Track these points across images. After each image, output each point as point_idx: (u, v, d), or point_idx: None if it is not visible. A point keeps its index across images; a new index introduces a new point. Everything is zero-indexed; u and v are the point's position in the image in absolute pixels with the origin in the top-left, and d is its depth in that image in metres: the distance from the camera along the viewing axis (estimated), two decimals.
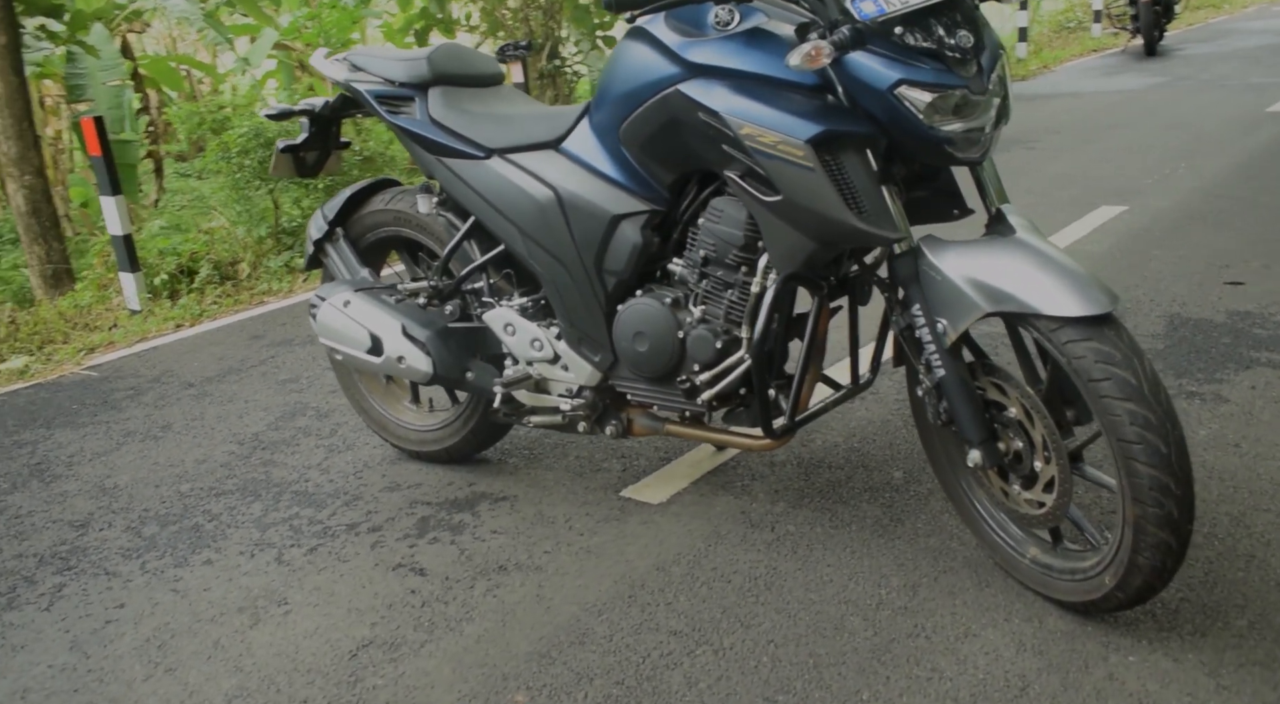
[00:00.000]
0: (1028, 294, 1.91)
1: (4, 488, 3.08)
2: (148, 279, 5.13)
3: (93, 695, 2.08)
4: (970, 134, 1.98)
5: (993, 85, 1.98)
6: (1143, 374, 1.85)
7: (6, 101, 6.19)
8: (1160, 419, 1.84)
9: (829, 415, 3.06)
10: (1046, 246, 1.99)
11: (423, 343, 2.56)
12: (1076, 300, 1.88)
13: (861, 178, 2.02)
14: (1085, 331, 1.87)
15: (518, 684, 2.02)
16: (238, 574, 2.48)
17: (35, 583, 2.53)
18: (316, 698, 2.02)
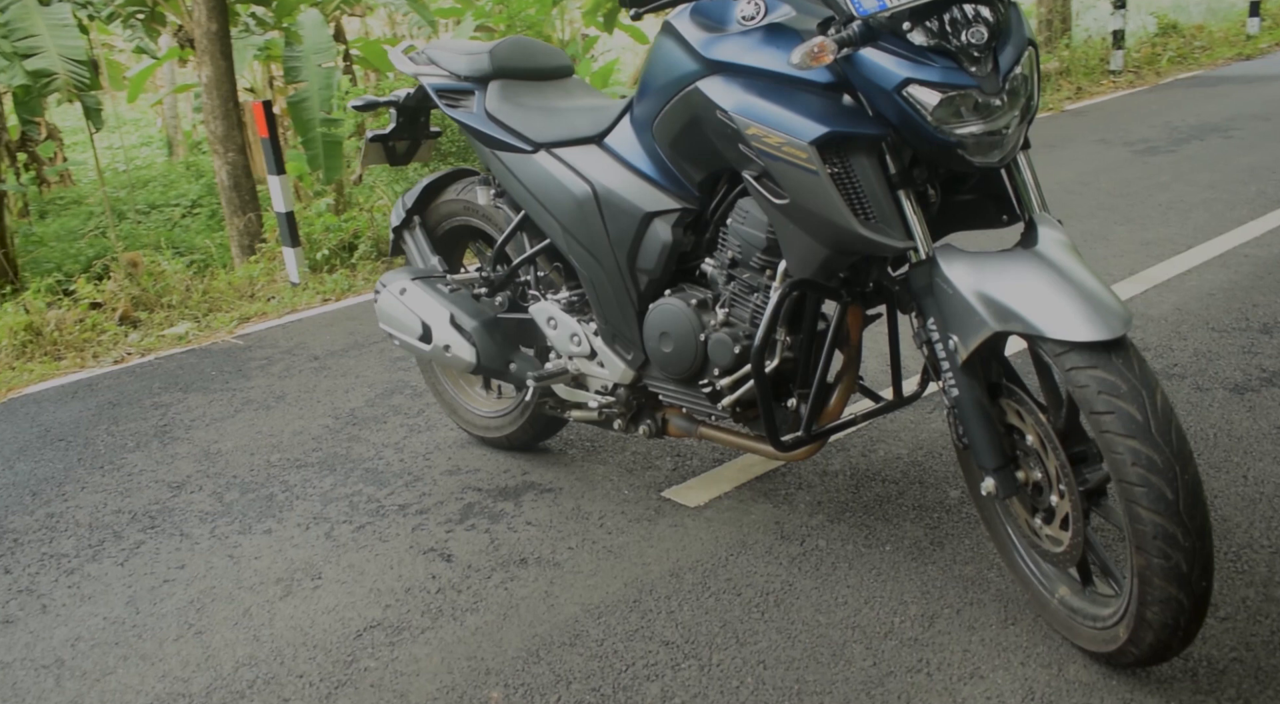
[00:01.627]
0: (1034, 314, 1.75)
1: (129, 446, 3.37)
2: (309, 255, 5.45)
3: (127, 650, 2.25)
4: (985, 137, 1.83)
5: (1010, 85, 1.82)
6: (1151, 409, 1.67)
7: (215, 84, 6.70)
8: (1167, 461, 1.65)
9: (897, 427, 2.91)
10: (1068, 261, 1.82)
11: (468, 333, 2.61)
12: (1082, 323, 1.71)
13: (870, 182, 1.91)
14: (1090, 358, 1.70)
15: (498, 681, 2.05)
16: (288, 546, 2.62)
17: (121, 538, 2.76)
18: (312, 673, 2.11)
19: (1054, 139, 6.80)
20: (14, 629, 2.38)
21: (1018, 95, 1.84)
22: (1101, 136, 6.71)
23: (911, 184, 1.95)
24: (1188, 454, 1.67)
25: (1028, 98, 1.87)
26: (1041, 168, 6.08)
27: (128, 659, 2.22)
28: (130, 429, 3.51)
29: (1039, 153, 6.33)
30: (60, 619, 2.40)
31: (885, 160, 1.93)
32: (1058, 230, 1.91)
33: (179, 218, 10.93)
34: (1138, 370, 1.70)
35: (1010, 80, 1.82)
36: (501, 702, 1.99)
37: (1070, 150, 6.42)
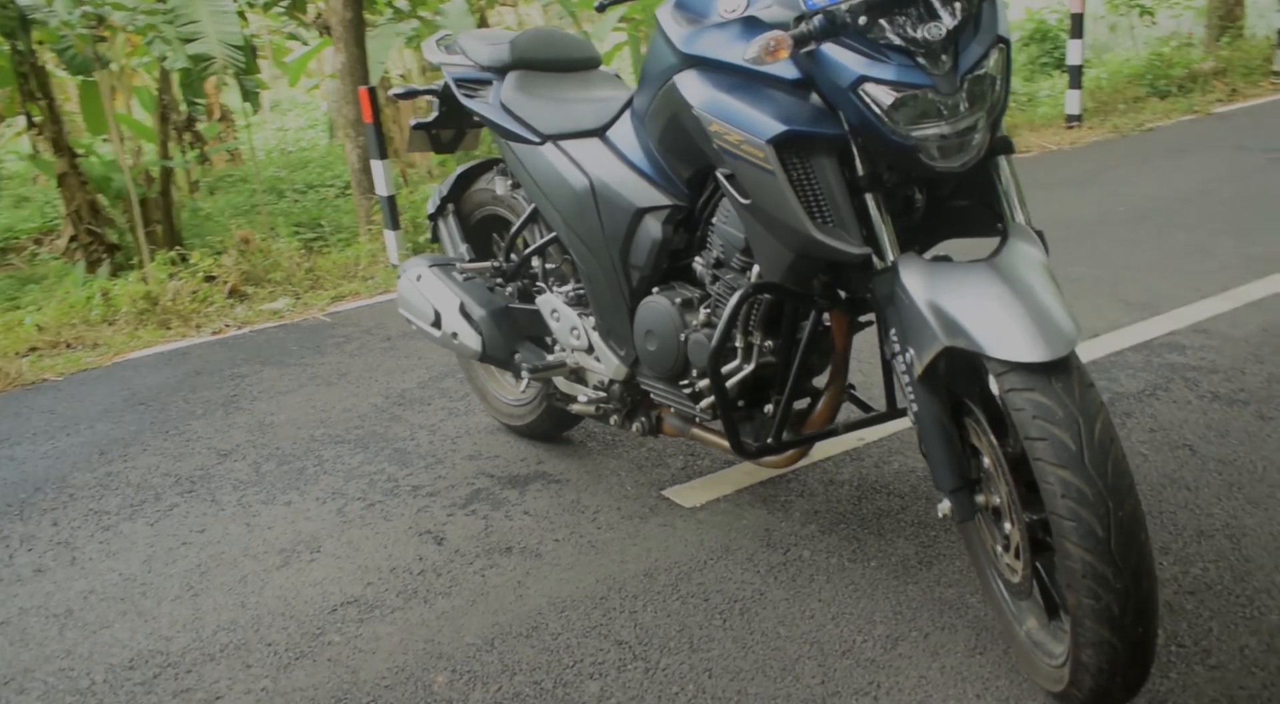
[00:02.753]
0: (979, 330, 1.65)
1: (196, 413, 3.57)
2: (411, 238, 5.62)
3: (128, 606, 2.39)
4: (943, 140, 1.74)
5: (970, 85, 1.72)
6: (1086, 438, 1.55)
7: (349, 70, 6.98)
8: (1099, 495, 1.53)
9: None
10: (1026, 276, 1.71)
11: (476, 321, 2.65)
12: (1024, 342, 1.60)
13: (828, 185, 1.84)
14: (1029, 380, 1.60)
15: (447, 665, 2.08)
16: (301, 518, 2.73)
17: (160, 500, 2.93)
18: (280, 643, 2.20)
19: (1188, 143, 6.37)
20: (42, 578, 2.56)
21: (981, 96, 1.74)
22: (1241, 142, 6.23)
23: (880, 187, 1.87)
24: (1125, 489, 1.55)
25: (994, 100, 1.76)
26: (1165, 174, 5.71)
27: (126, 615, 2.36)
28: (203, 397, 3.72)
29: (1166, 158, 5.96)
30: (83, 572, 2.57)
31: (854, 161, 1.85)
32: (1029, 242, 1.80)
33: (333, 197, 11.45)
34: (1078, 395, 1.58)
35: (971, 80, 1.72)
36: (445, 687, 2.02)
37: (1202, 156, 5.99)
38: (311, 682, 2.06)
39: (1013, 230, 1.84)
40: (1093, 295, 3.86)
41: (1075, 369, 1.61)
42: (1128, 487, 1.55)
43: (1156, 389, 3.02)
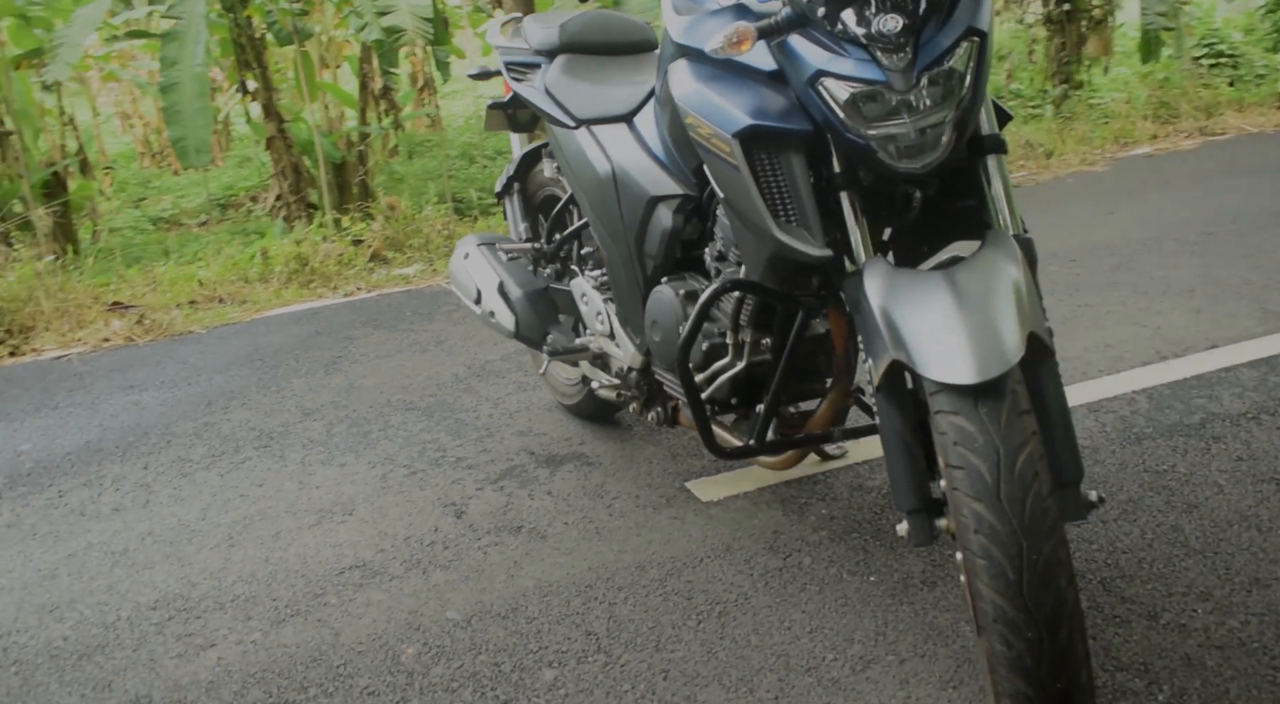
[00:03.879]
0: (915, 343, 1.55)
1: (300, 372, 3.78)
2: None
3: (172, 551, 2.58)
4: (900, 140, 1.62)
5: (929, 82, 1.59)
6: (1005, 470, 1.43)
7: None
8: (1013, 534, 1.41)
9: None
10: (982, 287, 1.58)
11: (512, 301, 2.68)
12: (955, 361, 1.49)
13: (793, 182, 1.76)
14: (954, 402, 1.48)
15: (420, 638, 2.14)
16: (348, 481, 2.86)
17: (238, 453, 3.13)
18: (283, 599, 2.32)
19: None
20: (116, 517, 2.79)
21: (945, 94, 1.61)
22: None
23: (856, 186, 1.77)
24: (1044, 530, 1.41)
25: (961, 97, 1.62)
26: None
27: (168, 559, 2.54)
28: (312, 357, 3.93)
29: None
30: (150, 515, 2.78)
31: (830, 158, 1.76)
32: (1003, 250, 1.66)
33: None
34: (1003, 423, 1.45)
35: (930, 76, 1.59)
36: (411, 658, 2.08)
37: None
38: (296, 640, 2.16)
39: (990, 237, 1.70)
40: (1230, 300, 3.51)
41: (1009, 393, 1.48)
42: (1048, 528, 1.42)
43: (1261, 412, 2.72)
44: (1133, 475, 2.46)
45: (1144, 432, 2.66)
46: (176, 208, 9.87)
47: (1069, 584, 1.43)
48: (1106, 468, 2.50)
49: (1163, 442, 2.60)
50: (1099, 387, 2.93)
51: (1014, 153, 5.97)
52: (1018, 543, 1.41)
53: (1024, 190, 5.36)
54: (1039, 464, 1.44)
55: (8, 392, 4.01)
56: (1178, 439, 2.60)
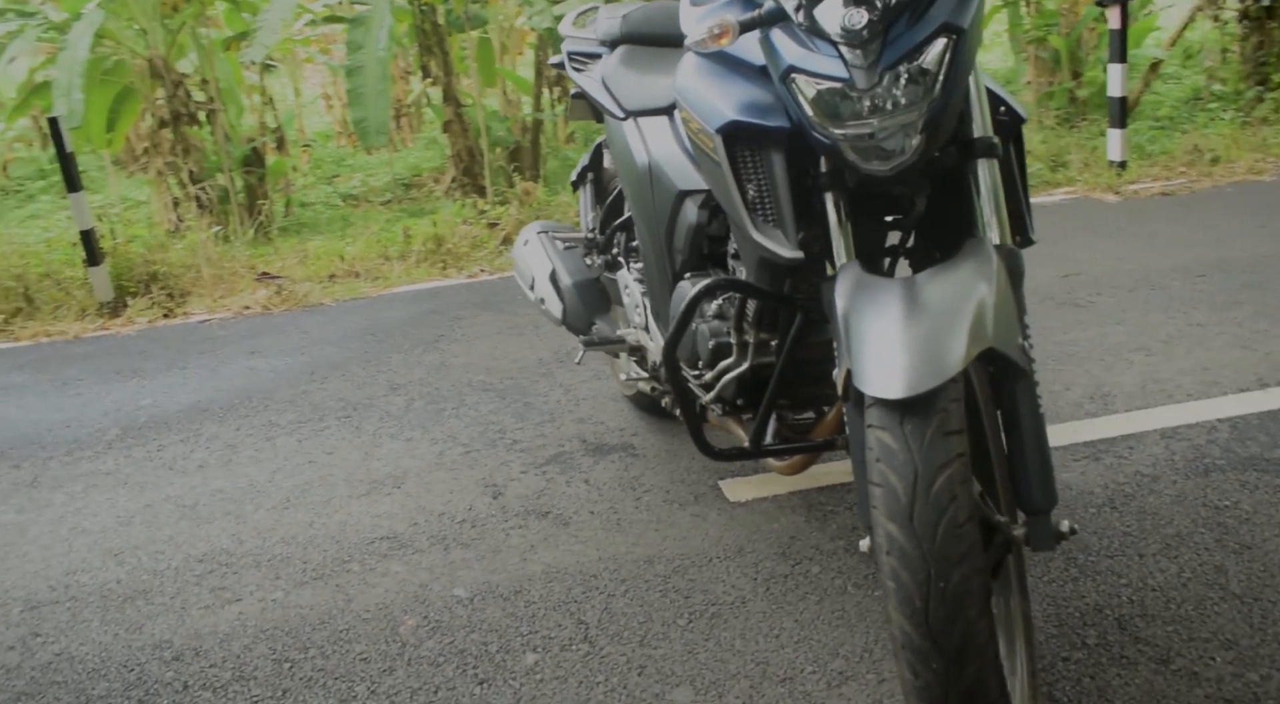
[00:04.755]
0: (859, 354, 1.50)
1: (402, 348, 3.94)
2: None
3: (234, 509, 2.75)
4: (864, 141, 1.56)
5: (892, 80, 1.52)
6: (921, 491, 1.36)
7: None
8: (922, 560, 1.34)
9: None
10: (944, 295, 1.50)
11: (561, 290, 2.72)
12: (882, 374, 1.43)
13: (772, 181, 1.73)
14: (883, 416, 1.42)
15: (422, 612, 2.21)
16: (408, 455, 2.97)
17: (321, 421, 3.30)
18: (313, 561, 2.44)
19: None
20: (198, 473, 3.00)
21: (912, 94, 1.53)
22: None
23: (841, 186, 1.71)
24: (956, 558, 1.34)
25: (932, 97, 1.54)
26: None
27: (228, 516, 2.72)
28: (418, 334, 4.09)
29: None
30: (227, 473, 2.98)
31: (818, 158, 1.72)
32: (977, 260, 1.57)
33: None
34: (927, 442, 1.38)
35: (894, 75, 1.52)
36: (409, 630, 2.15)
37: None
38: (312, 602, 2.27)
39: (966, 246, 1.61)
40: None
41: (939, 412, 1.39)
42: (961, 555, 1.34)
43: None
44: (1188, 509, 2.28)
45: (1215, 463, 2.45)
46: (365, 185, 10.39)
47: (980, 616, 1.34)
48: (1161, 498, 2.32)
49: (1233, 475, 2.39)
50: (1181, 411, 2.72)
51: (1176, 158, 5.56)
52: (926, 568, 1.34)
53: (1173, 200, 4.99)
54: (960, 488, 1.36)
55: (151, 351, 4.36)
56: (1250, 474, 2.38)
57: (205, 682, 2.04)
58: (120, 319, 4.98)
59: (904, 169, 1.58)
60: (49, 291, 5.30)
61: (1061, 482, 2.43)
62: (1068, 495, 2.37)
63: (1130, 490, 2.38)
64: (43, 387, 4.03)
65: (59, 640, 2.23)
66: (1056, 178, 5.49)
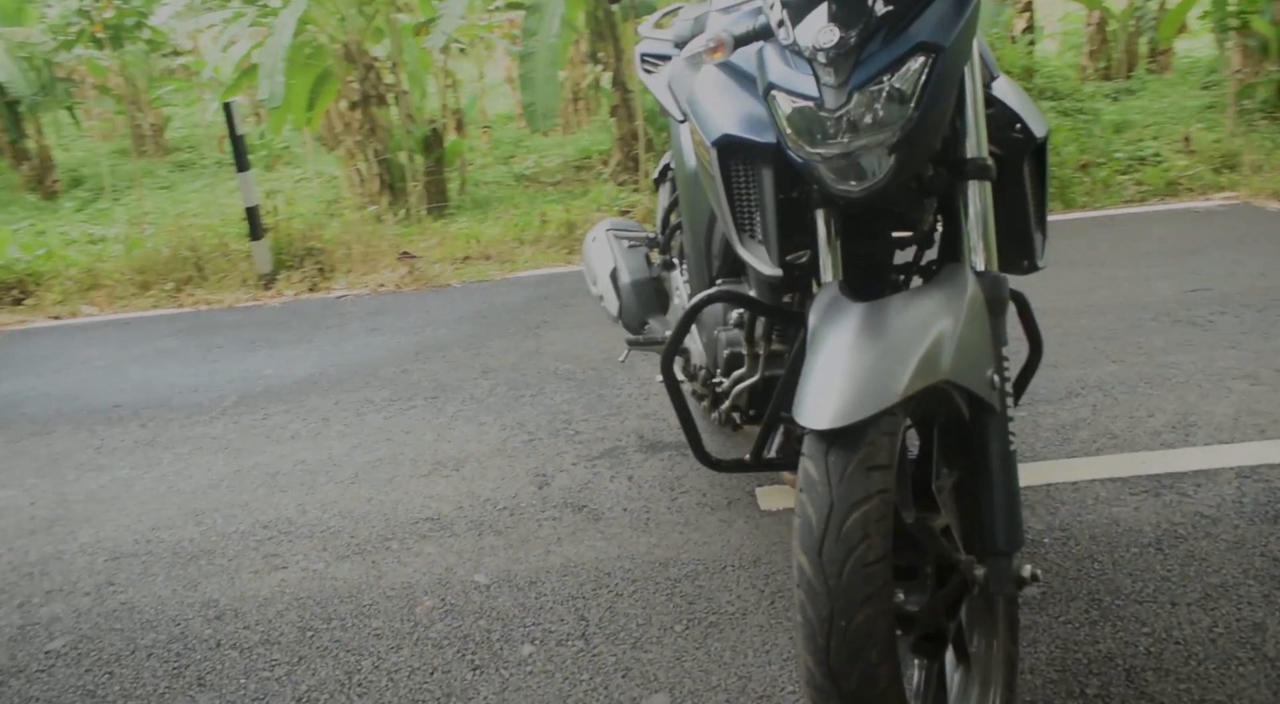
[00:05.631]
0: (804, 380, 1.47)
1: (506, 333, 4.08)
2: None
3: (307, 480, 2.93)
4: (832, 162, 1.52)
5: (861, 101, 1.47)
6: (833, 526, 1.32)
7: None
8: (826, 596, 1.31)
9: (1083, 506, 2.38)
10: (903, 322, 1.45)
11: (619, 288, 2.75)
12: (813, 402, 1.40)
13: (762, 196, 1.71)
14: (812, 446, 1.40)
15: (442, 594, 2.30)
16: (475, 440, 3.08)
17: (409, 400, 3.46)
18: (359, 537, 2.58)
19: None
20: (289, 443, 3.21)
21: (881, 115, 1.48)
22: None
23: (834, 203, 1.68)
24: (860, 599, 1.30)
25: (905, 119, 1.48)
26: None
27: (301, 487, 2.90)
28: (524, 319, 4.22)
29: None
30: (313, 446, 3.17)
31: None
32: (949, 288, 1.50)
33: None
34: (848, 474, 1.34)
35: (865, 95, 1.47)
36: (424, 611, 2.25)
37: None
38: (347, 576, 2.40)
39: (945, 270, 1.55)
40: None
41: (866, 445, 1.35)
42: (866, 596, 1.30)
43: None
44: (1242, 557, 2.11)
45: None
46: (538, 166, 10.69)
47: (883, 660, 1.30)
48: (1215, 544, 2.16)
49: None
50: (1267, 449, 2.51)
51: None
52: (827, 606, 1.30)
53: None
54: (874, 526, 1.31)
55: (288, 323, 4.66)
56: None
57: (235, 642, 2.20)
58: (271, 291, 5.33)
59: (878, 190, 1.53)
60: (217, 262, 5.73)
61: (1109, 516, 2.30)
62: (1112, 532, 2.23)
63: (1184, 532, 2.22)
64: (189, 352, 4.37)
65: (126, 591, 2.44)
66: (1219, 181, 5.10)
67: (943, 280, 1.52)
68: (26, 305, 5.68)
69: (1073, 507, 2.35)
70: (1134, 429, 2.70)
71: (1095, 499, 2.37)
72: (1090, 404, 2.88)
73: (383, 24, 7.88)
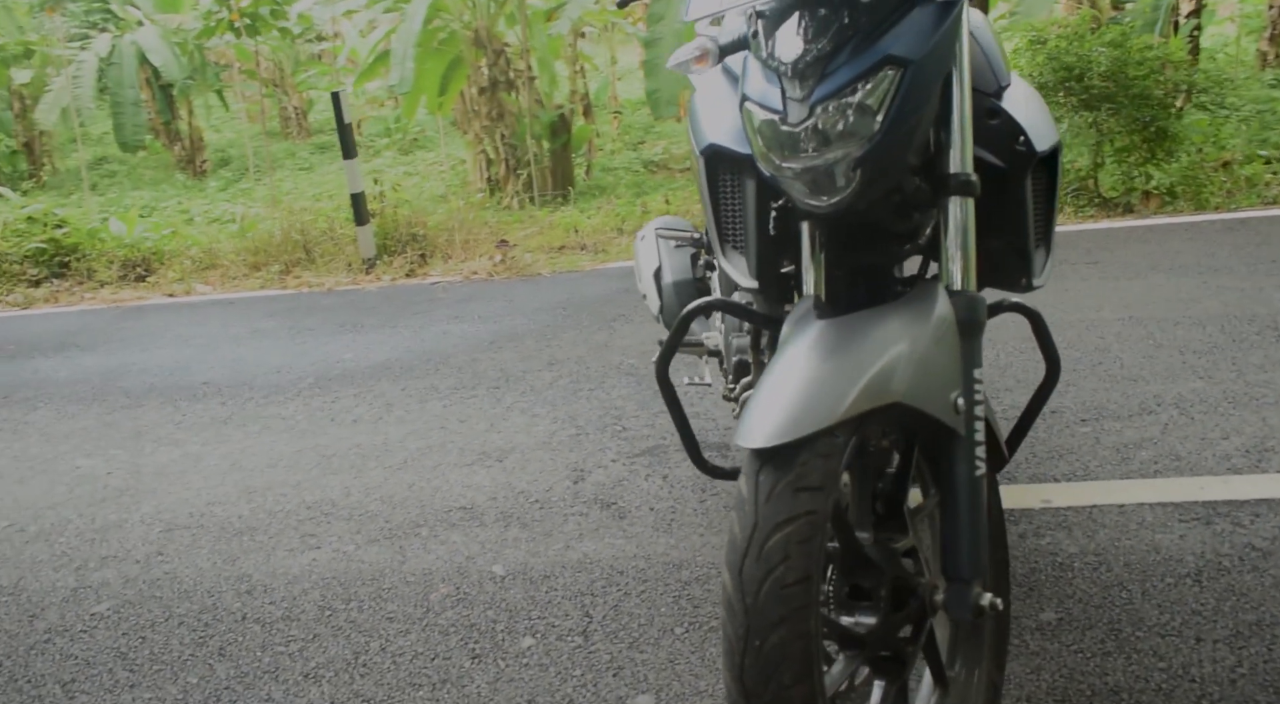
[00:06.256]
0: (751, 399, 1.43)
1: (581, 325, 4.10)
2: None
3: (358, 465, 3.01)
4: (795, 175, 1.47)
5: (823, 115, 1.42)
6: (756, 545, 1.29)
7: None
8: (743, 613, 1.28)
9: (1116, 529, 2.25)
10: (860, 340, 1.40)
11: (661, 288, 2.73)
12: (751, 421, 1.36)
13: (745, 206, 1.69)
14: (748, 464, 1.36)
15: (459, 583, 2.34)
16: (525, 432, 3.11)
17: (473, 389, 3.52)
18: (394, 521, 2.63)
19: None
20: (351, 426, 3.31)
21: (842, 130, 1.41)
22: None
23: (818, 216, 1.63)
24: (776, 620, 1.25)
25: (870, 134, 1.41)
26: None
27: (350, 470, 2.98)
28: (601, 312, 4.23)
29: None
30: (372, 430, 3.26)
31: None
32: (916, 307, 1.44)
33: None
34: (773, 495, 1.30)
35: (827, 109, 1.41)
36: (438, 599, 2.29)
37: None
38: (374, 559, 2.46)
39: (918, 287, 1.49)
40: None
41: (797, 466, 1.30)
42: (781, 618, 1.25)
43: None
44: None
45: None
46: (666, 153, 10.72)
47: (796, 683, 1.25)
48: (1260, 579, 2.00)
49: None
50: None
51: None
52: (744, 624, 1.27)
53: None
54: (796, 548, 1.27)
55: (379, 308, 4.80)
56: None
57: (259, 616, 2.28)
58: (370, 276, 5.50)
59: (847, 205, 1.47)
60: (325, 246, 5.94)
61: (1150, 543, 2.16)
62: (1149, 560, 2.10)
63: (1228, 564, 2.07)
64: (281, 333, 4.55)
65: (173, 561, 2.56)
66: None
67: (913, 297, 1.46)
68: (149, 282, 6.01)
69: (1113, 530, 2.22)
70: (1202, 452, 2.53)
71: (1140, 524, 2.24)
72: (1162, 422, 2.72)
73: (514, 9, 8.01)
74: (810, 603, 1.27)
